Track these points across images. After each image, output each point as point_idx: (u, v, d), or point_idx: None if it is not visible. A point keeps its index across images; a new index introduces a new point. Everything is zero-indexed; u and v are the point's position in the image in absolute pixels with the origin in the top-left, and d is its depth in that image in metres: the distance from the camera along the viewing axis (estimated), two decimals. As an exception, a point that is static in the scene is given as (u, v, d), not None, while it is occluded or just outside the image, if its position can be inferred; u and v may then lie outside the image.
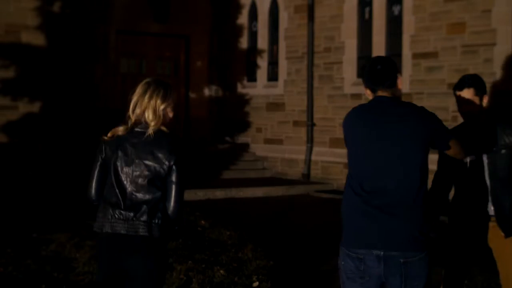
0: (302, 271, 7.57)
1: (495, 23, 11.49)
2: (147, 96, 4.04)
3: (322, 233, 9.52)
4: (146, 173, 4.00)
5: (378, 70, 4.01)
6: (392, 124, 3.88)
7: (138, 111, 4.06)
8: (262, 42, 16.00)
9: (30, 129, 13.77)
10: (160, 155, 3.99)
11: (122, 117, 4.17)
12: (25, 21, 13.92)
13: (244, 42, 16.41)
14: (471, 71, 11.80)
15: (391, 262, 3.78)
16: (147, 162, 4.00)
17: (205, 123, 16.65)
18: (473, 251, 4.87)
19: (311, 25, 14.53)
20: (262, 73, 16.03)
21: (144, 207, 3.99)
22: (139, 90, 4.08)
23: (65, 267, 7.11)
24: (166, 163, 3.99)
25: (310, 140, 14.67)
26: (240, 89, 16.40)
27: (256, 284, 6.74)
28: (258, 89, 16.00)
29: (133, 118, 4.07)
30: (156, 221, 3.99)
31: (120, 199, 4.01)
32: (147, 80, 4.14)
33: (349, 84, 13.93)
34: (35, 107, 13.93)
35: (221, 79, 16.83)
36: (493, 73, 11.54)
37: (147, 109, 4.04)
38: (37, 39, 14.00)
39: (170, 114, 4.11)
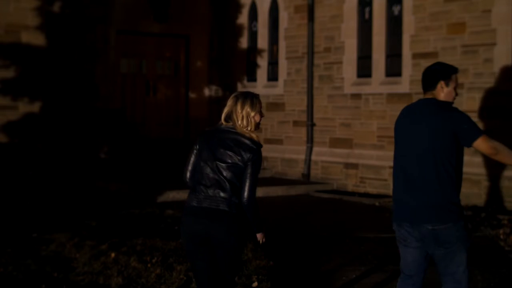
0: (302, 271, 7.57)
1: (495, 23, 11.49)
2: (238, 107, 4.87)
3: (322, 233, 9.53)
4: (229, 161, 4.78)
5: (423, 77, 4.95)
6: (426, 121, 4.72)
7: (230, 120, 4.92)
8: (262, 42, 16.00)
9: (30, 129, 13.77)
10: (242, 152, 4.77)
11: (122, 117, 4.19)
12: (25, 21, 13.91)
13: (244, 42, 16.41)
14: (471, 71, 11.81)
15: (423, 230, 4.68)
16: (230, 153, 4.80)
17: (205, 123, 16.64)
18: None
19: (311, 25, 14.53)
20: (262, 73, 16.03)
21: (225, 188, 4.75)
22: (230, 102, 4.93)
23: (65, 267, 7.11)
24: (245, 158, 4.74)
25: (310, 140, 14.67)
26: (240, 89, 16.40)
27: (256, 284, 6.74)
28: (258, 89, 15.99)
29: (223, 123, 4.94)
30: (234, 199, 4.72)
31: (207, 181, 4.80)
32: (235, 94, 5.01)
33: (349, 84, 13.94)
34: (35, 107, 13.93)
35: (221, 79, 16.83)
36: (493, 73, 11.54)
37: (241, 117, 4.87)
38: (37, 39, 14.00)
39: (257, 119, 4.88)
